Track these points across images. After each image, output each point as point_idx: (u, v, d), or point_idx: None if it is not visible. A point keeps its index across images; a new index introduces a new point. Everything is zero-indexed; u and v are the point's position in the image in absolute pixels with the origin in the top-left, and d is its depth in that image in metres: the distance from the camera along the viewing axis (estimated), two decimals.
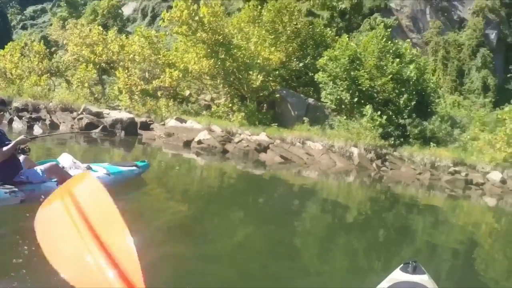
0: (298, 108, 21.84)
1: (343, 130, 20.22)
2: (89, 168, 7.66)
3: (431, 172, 19.15)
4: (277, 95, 21.50)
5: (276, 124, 20.25)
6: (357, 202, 12.68)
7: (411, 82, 21.99)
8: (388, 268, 6.17)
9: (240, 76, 20.94)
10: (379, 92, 21.37)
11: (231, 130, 19.08)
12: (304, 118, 21.13)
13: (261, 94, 21.13)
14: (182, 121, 19.37)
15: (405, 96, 21.31)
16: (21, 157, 6.70)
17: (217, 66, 20.77)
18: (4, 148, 6.17)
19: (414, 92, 21.89)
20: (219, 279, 4.98)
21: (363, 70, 21.49)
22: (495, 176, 19.34)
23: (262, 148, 18.23)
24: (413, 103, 21.48)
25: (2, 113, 6.52)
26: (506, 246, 9.57)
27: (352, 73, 21.41)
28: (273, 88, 21.56)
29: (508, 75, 32.25)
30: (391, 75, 21.24)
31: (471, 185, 18.64)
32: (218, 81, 21.72)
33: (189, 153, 16.86)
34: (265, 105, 21.58)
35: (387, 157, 19.78)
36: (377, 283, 3.34)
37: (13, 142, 6.25)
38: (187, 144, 17.90)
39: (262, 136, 18.82)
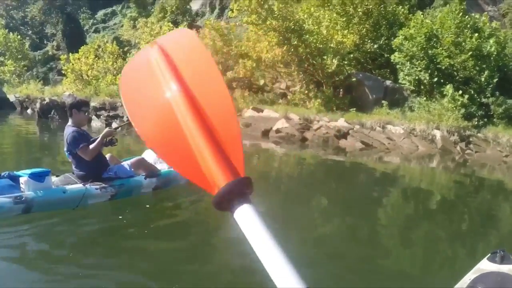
0: (376, 91, 21.32)
1: (424, 112, 19.59)
2: None
3: None
4: (354, 79, 21.04)
5: (354, 109, 19.88)
6: (440, 188, 12.32)
7: (492, 58, 20.88)
8: (473, 257, 5.98)
9: (314, 62, 20.63)
10: (459, 70, 20.50)
11: (309, 117, 18.91)
12: (383, 101, 20.63)
13: (337, 79, 20.72)
14: (258, 110, 19.38)
15: (487, 73, 20.30)
16: (107, 156, 6.83)
17: (290, 53, 20.59)
18: (92, 146, 6.27)
19: (495, 69, 20.84)
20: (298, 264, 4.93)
21: (440, 48, 20.71)
22: None
23: (342, 134, 18.00)
24: (495, 80, 20.46)
25: (86, 114, 6.66)
26: None
27: (429, 51, 20.64)
28: (349, 72, 21.11)
29: None
30: (470, 52, 20.33)
31: None
32: (293, 68, 21.48)
33: (268, 142, 16.86)
34: (341, 90, 21.19)
35: (471, 139, 18.96)
36: (464, 273, 3.11)
37: (100, 136, 6.36)
38: (265, 133, 17.91)
39: (341, 122, 18.55)
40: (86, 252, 5.18)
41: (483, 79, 20.35)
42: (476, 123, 19.50)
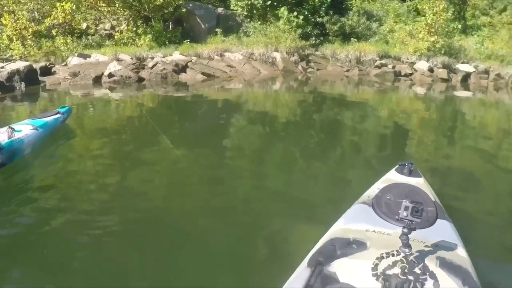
0: (208, 20, 20.28)
1: (260, 36, 19.08)
2: (11, 129, 6.22)
3: (359, 68, 18.88)
4: (184, 10, 19.71)
5: (188, 40, 18.66)
6: (287, 108, 12.12)
7: None
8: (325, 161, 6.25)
9: None
10: None
11: (141, 55, 17.25)
12: (217, 30, 19.73)
13: (166, 11, 19.25)
14: (85, 56, 17.38)
15: None
16: None
17: None
18: None
19: None
20: (156, 211, 4.61)
21: None
22: (422, 65, 19.81)
23: (181, 68, 16.75)
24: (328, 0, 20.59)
25: None
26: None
27: None
28: (177, 3, 19.71)
29: None
30: None
31: (400, 77, 19.09)
32: (117, 5, 19.51)
33: (101, 89, 15.12)
34: (170, 22, 19.76)
35: (310, 57, 19.13)
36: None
37: None
38: (97, 80, 16.00)
39: (177, 56, 17.26)
40: None
41: (317, 0, 20.24)
42: (313, 42, 19.55)
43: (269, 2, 19.94)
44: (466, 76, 20.11)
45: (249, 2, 20.12)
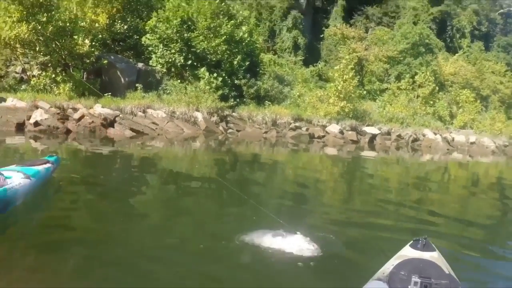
0: (129, 74, 19.97)
1: (181, 95, 19.21)
2: (1, 175, 5.49)
3: (276, 130, 19.77)
4: (105, 61, 19.17)
5: (110, 93, 18.01)
6: (203, 166, 12.10)
7: (243, 43, 21.98)
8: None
9: (58, 43, 18.12)
10: (212, 54, 20.69)
11: (62, 104, 16.33)
12: (137, 85, 19.41)
13: (88, 61, 18.63)
14: (0, 100, 16.21)
15: (239, 57, 21.20)
16: None
17: (34, 31, 17.33)
18: None
19: (246, 53, 22.00)
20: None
21: (196, 32, 20.70)
22: (334, 128, 21.40)
23: (109, 122, 16.22)
24: (247, 63, 21.62)
25: None
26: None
27: (185, 34, 20.45)
28: (95, 54, 19.03)
29: (321, 35, 35.49)
30: (224, 36, 20.83)
31: (314, 139, 20.59)
32: (38, 48, 18.28)
33: (24, 138, 13.75)
34: (85, 73, 19.13)
35: (228, 119, 19.73)
36: None
37: None
38: (20, 127, 14.86)
39: (105, 109, 16.60)
40: None
41: (235, 63, 21.06)
42: (231, 103, 20.14)
43: (189, 62, 20.41)
44: (373, 138, 22.18)
45: (170, 60, 20.42)
